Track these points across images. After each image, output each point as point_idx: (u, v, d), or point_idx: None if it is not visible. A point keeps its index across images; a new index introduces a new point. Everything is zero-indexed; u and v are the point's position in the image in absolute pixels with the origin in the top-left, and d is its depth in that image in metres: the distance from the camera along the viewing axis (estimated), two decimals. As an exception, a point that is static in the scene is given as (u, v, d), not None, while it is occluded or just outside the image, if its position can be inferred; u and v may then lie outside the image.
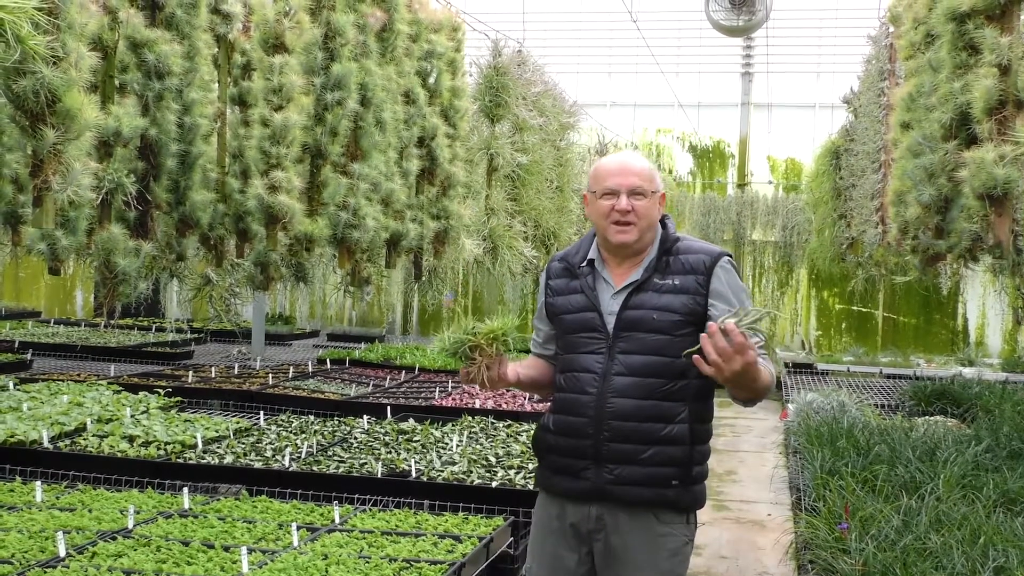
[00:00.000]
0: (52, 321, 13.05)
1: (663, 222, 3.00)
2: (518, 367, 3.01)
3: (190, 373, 8.20)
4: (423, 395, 7.70)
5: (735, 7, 10.38)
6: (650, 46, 13.14)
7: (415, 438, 5.79)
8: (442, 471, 4.97)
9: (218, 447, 5.46)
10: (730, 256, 2.95)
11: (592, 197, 2.94)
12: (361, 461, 5.18)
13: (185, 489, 4.57)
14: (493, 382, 2.87)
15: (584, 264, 2.99)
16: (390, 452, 5.43)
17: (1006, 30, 4.75)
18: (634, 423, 2.83)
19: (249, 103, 5.97)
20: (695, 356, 2.56)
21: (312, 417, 6.52)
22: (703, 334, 2.54)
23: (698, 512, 3.03)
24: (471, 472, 4.96)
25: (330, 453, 5.38)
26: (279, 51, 5.61)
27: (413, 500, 4.70)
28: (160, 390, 7.06)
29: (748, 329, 2.51)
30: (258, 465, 5.10)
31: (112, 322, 12.16)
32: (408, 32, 6.83)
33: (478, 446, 5.59)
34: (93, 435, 5.56)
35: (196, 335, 12.04)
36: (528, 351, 3.22)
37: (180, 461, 5.15)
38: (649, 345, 2.82)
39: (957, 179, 5.20)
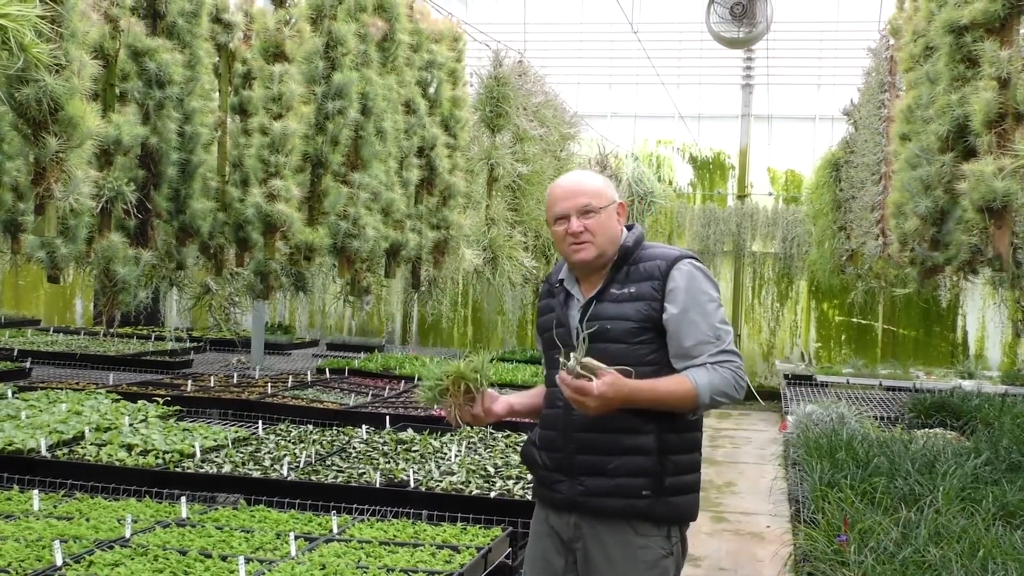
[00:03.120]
0: (51, 329, 13.02)
1: (630, 230, 3.01)
2: (512, 399, 3.07)
3: (189, 382, 8.19)
4: (422, 405, 7.68)
5: (736, 19, 10.40)
6: (651, 57, 13.17)
7: (414, 448, 5.78)
8: (440, 481, 4.97)
9: (216, 456, 5.46)
10: (693, 259, 2.91)
11: (549, 224, 2.99)
12: (360, 471, 5.17)
13: (183, 498, 4.57)
14: (476, 419, 2.92)
15: (558, 284, 3.06)
16: (389, 462, 5.42)
17: (1006, 43, 4.76)
18: (597, 434, 2.85)
19: (250, 112, 5.98)
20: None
21: (311, 427, 6.51)
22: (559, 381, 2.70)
23: (692, 524, 3.02)
24: (469, 482, 4.96)
25: (328, 463, 5.37)
26: (279, 60, 5.62)
27: (411, 510, 4.70)
28: (159, 399, 7.05)
29: (592, 363, 2.64)
30: (256, 474, 5.09)
31: (111, 331, 12.14)
32: (409, 42, 6.84)
33: (477, 456, 5.59)
34: (91, 444, 5.55)
35: (195, 344, 12.02)
36: (523, 360, 3.25)
37: (178, 470, 5.14)
38: (608, 355, 2.78)
39: (954, 191, 5.21)
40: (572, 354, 2.67)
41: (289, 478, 5.00)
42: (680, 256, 2.89)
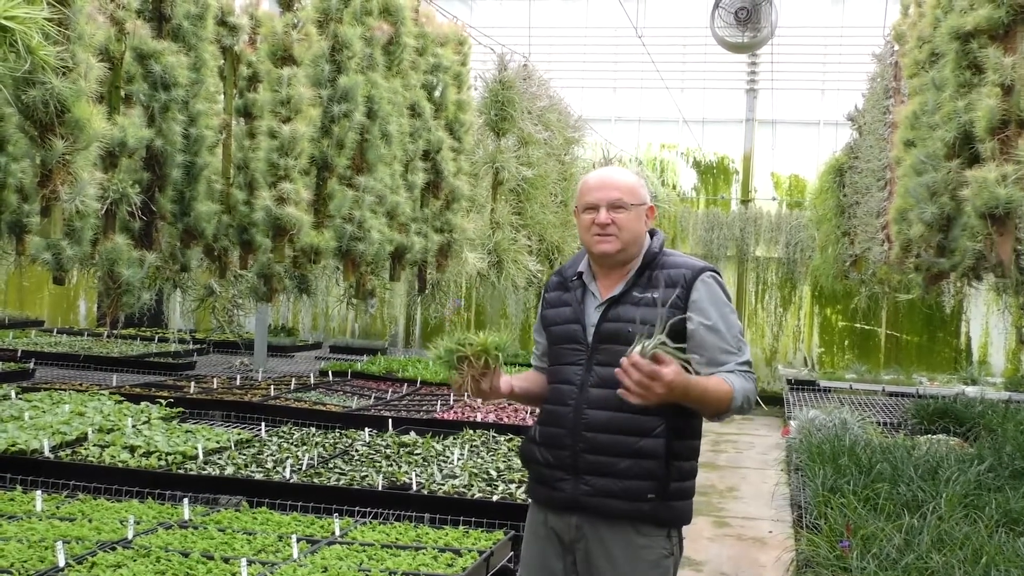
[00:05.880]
0: (55, 330, 13.04)
1: (652, 236, 3.03)
2: (512, 380, 3.03)
3: (192, 384, 8.20)
4: (425, 408, 7.69)
5: (740, 24, 10.41)
6: (655, 62, 13.18)
7: (416, 451, 5.79)
8: (443, 484, 4.97)
9: (219, 458, 5.46)
10: (715, 272, 2.96)
11: (578, 212, 3.01)
12: (362, 474, 5.17)
13: (185, 500, 4.57)
14: (483, 393, 2.91)
15: (575, 277, 3.05)
16: (391, 465, 5.42)
17: (1009, 50, 4.75)
18: (608, 435, 2.85)
19: (255, 115, 6.00)
20: (620, 391, 2.64)
21: (313, 429, 6.51)
22: (617, 369, 2.61)
23: (694, 529, 3.03)
24: (472, 486, 4.96)
25: (331, 465, 5.38)
26: (287, 63, 5.64)
27: (414, 513, 4.70)
28: (162, 400, 7.06)
29: (663, 351, 2.57)
30: (259, 477, 5.09)
31: (115, 332, 12.15)
32: (414, 45, 6.86)
33: (479, 460, 5.59)
34: (94, 445, 5.56)
35: (198, 346, 12.04)
36: (528, 364, 3.24)
37: (181, 472, 5.15)
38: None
39: (959, 197, 5.20)
40: (646, 339, 2.60)
41: (291, 480, 5.01)
42: (704, 268, 2.94)
